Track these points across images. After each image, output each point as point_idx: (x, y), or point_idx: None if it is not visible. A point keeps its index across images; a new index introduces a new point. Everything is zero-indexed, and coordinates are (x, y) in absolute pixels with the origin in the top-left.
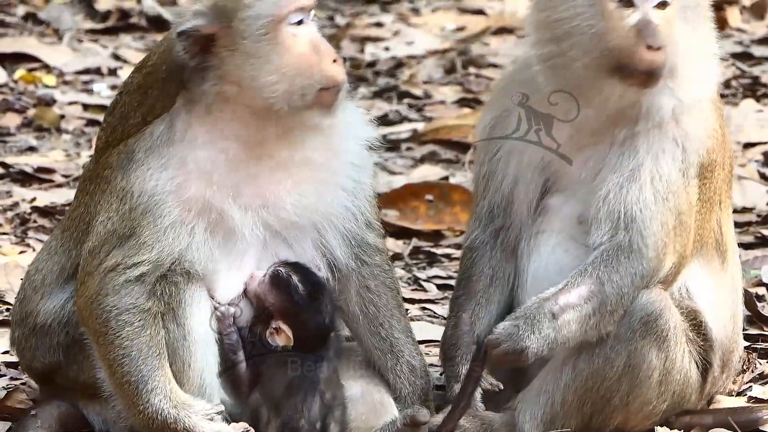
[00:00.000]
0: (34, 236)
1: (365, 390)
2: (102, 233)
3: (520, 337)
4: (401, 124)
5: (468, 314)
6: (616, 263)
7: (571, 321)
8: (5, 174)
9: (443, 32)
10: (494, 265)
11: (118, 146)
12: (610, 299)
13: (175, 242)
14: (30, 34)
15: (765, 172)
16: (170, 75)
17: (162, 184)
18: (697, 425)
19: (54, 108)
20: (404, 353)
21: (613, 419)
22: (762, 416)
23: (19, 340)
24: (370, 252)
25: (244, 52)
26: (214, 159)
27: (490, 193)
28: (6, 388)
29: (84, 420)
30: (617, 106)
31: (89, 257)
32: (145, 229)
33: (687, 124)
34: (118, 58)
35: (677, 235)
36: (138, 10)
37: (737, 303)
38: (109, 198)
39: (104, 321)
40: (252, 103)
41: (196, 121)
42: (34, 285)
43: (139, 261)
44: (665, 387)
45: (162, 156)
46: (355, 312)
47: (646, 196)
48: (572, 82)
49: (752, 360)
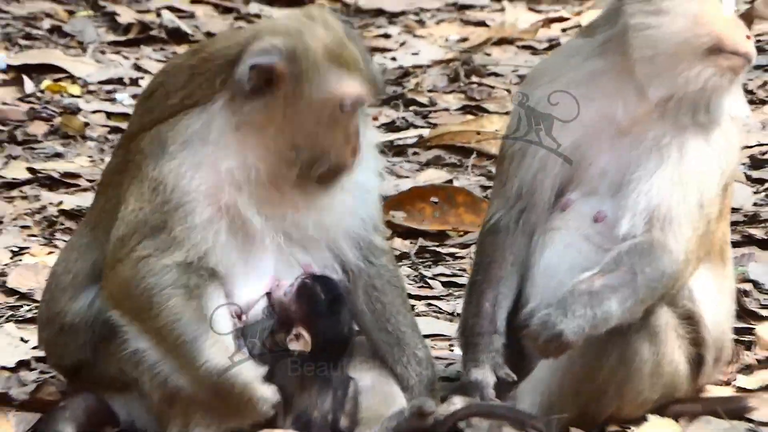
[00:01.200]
0: (61, 238)
1: (375, 381)
2: (133, 222)
3: (553, 323)
4: (408, 131)
5: (490, 303)
6: (651, 257)
7: (611, 298)
8: (33, 179)
9: (447, 43)
10: (515, 251)
11: (150, 131)
12: (641, 288)
13: (202, 241)
14: (55, 47)
15: (751, 175)
16: (221, 72)
17: (196, 183)
18: (687, 413)
19: (79, 116)
20: (410, 346)
21: (608, 408)
22: (748, 405)
23: (47, 340)
24: (377, 253)
25: (295, 110)
26: (247, 173)
27: (522, 171)
28: (36, 381)
29: (111, 413)
30: (697, 88)
31: (119, 244)
32: (177, 224)
33: (730, 135)
34: (139, 69)
35: (702, 243)
36: (158, 23)
37: (731, 302)
38: (140, 186)
39: (147, 299)
40: (275, 150)
41: (230, 130)
42: (63, 285)
43: (170, 254)
44: (657, 379)
45: (196, 154)
46: (362, 309)
47: (690, 204)
48: (662, 56)
49: (739, 352)
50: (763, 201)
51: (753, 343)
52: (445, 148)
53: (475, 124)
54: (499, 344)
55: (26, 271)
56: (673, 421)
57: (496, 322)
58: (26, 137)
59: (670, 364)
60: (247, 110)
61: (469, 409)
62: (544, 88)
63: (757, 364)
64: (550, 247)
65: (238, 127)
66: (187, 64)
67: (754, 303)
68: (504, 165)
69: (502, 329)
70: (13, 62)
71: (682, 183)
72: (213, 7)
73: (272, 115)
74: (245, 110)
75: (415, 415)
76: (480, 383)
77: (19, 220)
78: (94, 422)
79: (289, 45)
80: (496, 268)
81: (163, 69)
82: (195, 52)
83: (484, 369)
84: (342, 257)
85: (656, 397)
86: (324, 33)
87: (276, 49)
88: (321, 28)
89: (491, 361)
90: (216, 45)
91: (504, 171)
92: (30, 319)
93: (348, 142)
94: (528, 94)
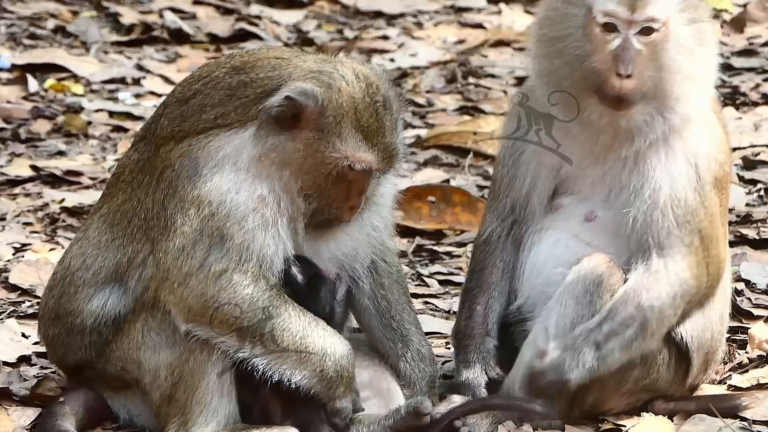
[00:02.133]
0: (62, 235)
1: (373, 378)
2: (191, 239)
3: (565, 371)
4: (405, 131)
5: (482, 306)
6: (656, 286)
7: (614, 349)
8: (36, 176)
9: (445, 45)
10: (506, 258)
11: (181, 143)
12: (651, 322)
13: (265, 246)
14: (59, 46)
15: (744, 176)
16: (258, 102)
17: (241, 198)
18: (680, 411)
19: (82, 115)
20: (414, 342)
21: (589, 397)
22: (741, 403)
23: (52, 337)
24: (388, 254)
25: (313, 155)
26: (270, 200)
27: (513, 191)
28: (36, 376)
29: (110, 409)
30: (600, 125)
31: (182, 258)
32: (235, 232)
33: (695, 141)
34: (141, 69)
35: (705, 249)
36: (161, 24)
37: (726, 303)
38: (184, 212)
39: (246, 311)
40: (289, 185)
41: (258, 158)
42: (79, 282)
43: (246, 265)
44: (638, 370)
45: (229, 178)
46: (368, 306)
47: (669, 223)
48: (563, 98)
49: (732, 351)
50: (755, 201)
51: (746, 342)
52: (443, 148)
53: (472, 124)
54: (490, 345)
55: (28, 268)
56: (666, 419)
57: (488, 324)
58: (29, 135)
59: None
60: (269, 143)
61: (465, 406)
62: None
63: (750, 363)
64: (538, 245)
65: (260, 158)
66: (226, 82)
67: (747, 302)
68: (496, 185)
69: (493, 332)
70: (18, 61)
71: (656, 206)
72: (214, 8)
73: (289, 154)
74: (268, 143)
75: (412, 414)
76: (471, 383)
77: (21, 217)
78: (94, 417)
79: (325, 96)
80: (488, 275)
81: (201, 75)
82: (237, 70)
83: (476, 369)
84: (356, 258)
85: (639, 387)
86: (361, 95)
87: (312, 93)
88: (362, 87)
89: (482, 362)
90: (258, 72)
91: (497, 190)
92: (31, 314)
93: (349, 199)
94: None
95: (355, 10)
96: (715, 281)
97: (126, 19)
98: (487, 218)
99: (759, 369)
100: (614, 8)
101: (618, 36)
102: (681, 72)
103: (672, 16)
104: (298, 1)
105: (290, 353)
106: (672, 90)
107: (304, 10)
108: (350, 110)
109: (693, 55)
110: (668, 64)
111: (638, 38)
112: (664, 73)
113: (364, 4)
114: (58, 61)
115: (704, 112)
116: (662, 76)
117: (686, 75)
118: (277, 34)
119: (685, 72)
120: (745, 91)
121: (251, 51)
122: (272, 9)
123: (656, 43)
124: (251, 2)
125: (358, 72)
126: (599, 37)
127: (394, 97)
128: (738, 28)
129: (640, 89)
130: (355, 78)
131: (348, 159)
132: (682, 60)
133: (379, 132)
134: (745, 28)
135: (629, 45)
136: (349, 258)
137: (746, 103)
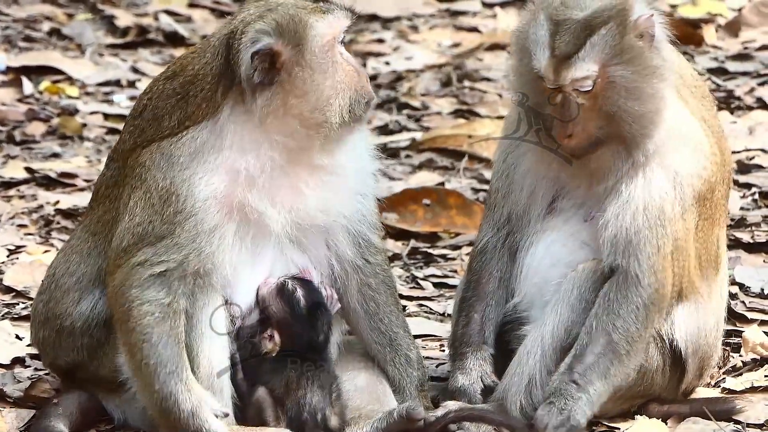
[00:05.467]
0: (57, 237)
1: (367, 381)
2: (140, 232)
3: (566, 418)
4: (401, 134)
5: (479, 315)
6: (617, 307)
7: (594, 380)
8: (31, 178)
9: (440, 48)
10: (502, 267)
11: (149, 146)
12: (621, 344)
13: (206, 246)
14: (54, 49)
15: (738, 179)
16: (218, 86)
17: (212, 189)
18: (674, 414)
19: (77, 117)
20: (402, 346)
21: None
22: (735, 406)
23: (43, 340)
24: (373, 251)
25: (310, 68)
26: (262, 165)
27: (509, 203)
28: (31, 378)
29: (104, 410)
30: (573, 166)
31: (122, 252)
32: (184, 232)
33: (673, 160)
34: (136, 71)
35: (675, 259)
36: (155, 26)
37: (722, 310)
38: (148, 197)
39: (127, 310)
40: (310, 116)
41: (247, 131)
42: (64, 287)
43: (166, 259)
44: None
45: (209, 162)
46: (356, 308)
47: (639, 222)
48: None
49: (726, 354)
50: (750, 205)
51: (740, 345)
52: (438, 151)
53: (467, 127)
54: (487, 354)
55: (22, 269)
56: (660, 422)
57: (485, 332)
58: (24, 137)
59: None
60: (262, 102)
61: (458, 413)
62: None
63: (744, 366)
64: (536, 245)
65: (260, 122)
66: (170, 89)
67: (741, 306)
68: (492, 196)
69: (490, 341)
70: (13, 64)
71: (629, 207)
72: (210, 11)
73: (291, 88)
74: (260, 103)
75: (405, 419)
76: (467, 389)
77: (16, 219)
78: (88, 419)
79: (272, 23)
80: (485, 284)
81: (145, 91)
82: (173, 76)
83: (472, 376)
84: (339, 253)
85: (632, 394)
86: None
87: (263, 31)
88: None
89: (479, 369)
90: (195, 65)
91: (492, 201)
92: (25, 316)
93: (358, 71)
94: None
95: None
96: (677, 296)
97: (121, 22)
98: (483, 228)
99: (753, 372)
100: (543, 72)
101: (560, 93)
102: (631, 114)
103: (605, 65)
104: None
105: (139, 369)
106: (628, 131)
107: None
108: (297, 12)
109: (640, 92)
110: (615, 111)
111: (577, 94)
112: (615, 119)
113: (359, 7)
114: (53, 64)
115: (680, 130)
116: (613, 121)
117: (639, 114)
118: None
119: (637, 112)
120: (739, 95)
121: (176, 59)
122: None
123: (597, 95)
124: None
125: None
126: (547, 91)
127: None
128: (733, 32)
129: (587, 142)
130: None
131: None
132: (630, 103)
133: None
134: (739, 32)
135: (568, 103)
136: (334, 217)
137: (741, 107)
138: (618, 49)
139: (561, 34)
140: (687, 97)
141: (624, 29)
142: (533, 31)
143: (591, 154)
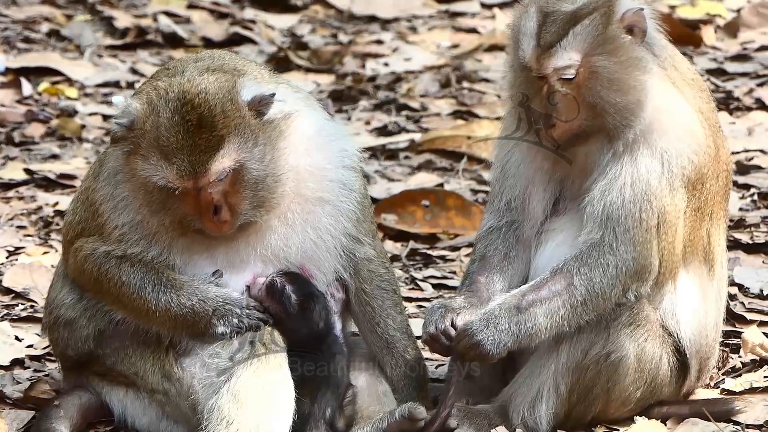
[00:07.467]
0: (56, 238)
1: (369, 381)
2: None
3: (473, 331)
4: (399, 135)
5: (484, 277)
6: (587, 257)
7: (538, 314)
8: (30, 180)
9: (439, 49)
10: (507, 245)
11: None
12: (579, 290)
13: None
14: (53, 50)
15: (737, 180)
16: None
17: (126, 217)
18: (673, 415)
19: (76, 119)
20: (399, 348)
21: (594, 406)
22: (734, 407)
23: (50, 328)
24: (361, 263)
25: (133, 168)
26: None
27: (507, 190)
28: (30, 379)
29: (104, 411)
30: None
31: (66, 244)
32: (113, 231)
33: (665, 144)
34: (135, 72)
35: (661, 233)
36: (155, 27)
37: (720, 312)
38: (81, 194)
39: (97, 277)
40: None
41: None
42: (56, 278)
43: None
44: (640, 374)
45: (118, 188)
46: (355, 311)
47: (624, 196)
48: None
49: (725, 355)
50: (749, 206)
51: (739, 346)
52: (437, 152)
53: (466, 128)
54: (476, 305)
55: (21, 271)
56: (660, 423)
57: (489, 291)
58: (23, 139)
59: (651, 361)
60: (113, 161)
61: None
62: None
63: (743, 367)
64: (545, 245)
65: (117, 174)
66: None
67: (740, 307)
68: (491, 188)
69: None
70: (12, 65)
71: (615, 182)
72: (209, 12)
73: (126, 171)
74: (113, 160)
75: (406, 419)
76: (445, 303)
77: (15, 220)
78: (88, 420)
79: (138, 113)
80: (490, 258)
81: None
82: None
83: (458, 298)
84: (324, 271)
85: (639, 396)
86: (169, 114)
87: (127, 111)
88: (176, 106)
89: (466, 294)
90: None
91: (493, 191)
92: (25, 318)
93: (200, 213)
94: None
95: (350, 14)
96: (667, 274)
97: (120, 23)
98: (485, 216)
99: (752, 373)
100: (528, 62)
101: (546, 84)
102: (613, 104)
103: (587, 55)
104: (293, 6)
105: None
106: (611, 122)
107: (299, 15)
108: (153, 128)
109: (622, 84)
110: (597, 101)
111: (561, 83)
112: (598, 110)
113: (358, 9)
114: (52, 65)
115: (671, 114)
116: (597, 113)
117: (621, 105)
118: (271, 38)
119: (619, 103)
120: (738, 96)
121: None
122: (266, 13)
123: (579, 85)
124: (245, 6)
125: (186, 89)
126: (535, 82)
127: (224, 112)
128: (731, 33)
129: (570, 132)
130: (177, 95)
131: (149, 175)
132: (612, 94)
133: (181, 150)
134: (738, 33)
135: (552, 93)
136: (287, 258)
137: (740, 108)
138: (600, 39)
139: (548, 25)
140: (683, 87)
141: (608, 21)
142: (523, 23)
143: (577, 146)
